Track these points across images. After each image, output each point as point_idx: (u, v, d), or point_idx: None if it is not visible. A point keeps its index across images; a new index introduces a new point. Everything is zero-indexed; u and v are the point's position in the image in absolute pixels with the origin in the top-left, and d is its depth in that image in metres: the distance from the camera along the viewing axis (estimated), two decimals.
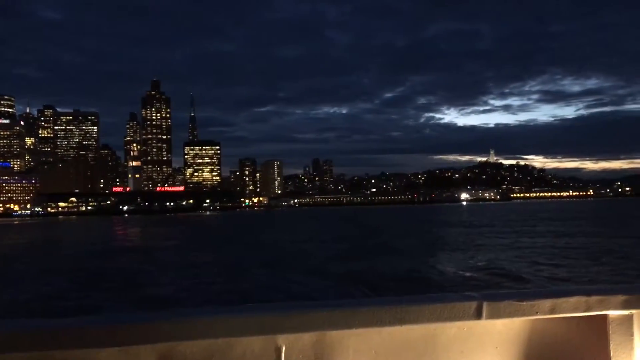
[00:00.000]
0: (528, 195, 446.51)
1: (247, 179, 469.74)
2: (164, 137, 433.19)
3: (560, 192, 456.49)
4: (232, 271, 33.67)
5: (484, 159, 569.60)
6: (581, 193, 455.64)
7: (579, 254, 37.28)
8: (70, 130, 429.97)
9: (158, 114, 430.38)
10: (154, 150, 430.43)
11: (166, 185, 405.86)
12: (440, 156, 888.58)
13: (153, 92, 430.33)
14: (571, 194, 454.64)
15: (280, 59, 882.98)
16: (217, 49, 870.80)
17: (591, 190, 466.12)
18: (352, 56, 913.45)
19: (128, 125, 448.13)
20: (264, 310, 2.17)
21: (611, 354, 2.32)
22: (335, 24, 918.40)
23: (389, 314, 2.14)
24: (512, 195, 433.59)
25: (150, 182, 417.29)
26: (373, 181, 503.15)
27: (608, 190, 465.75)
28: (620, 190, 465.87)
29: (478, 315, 2.23)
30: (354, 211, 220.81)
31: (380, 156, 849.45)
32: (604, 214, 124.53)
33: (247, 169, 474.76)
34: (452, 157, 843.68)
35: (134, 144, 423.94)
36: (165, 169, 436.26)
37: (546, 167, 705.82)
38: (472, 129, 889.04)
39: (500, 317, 2.29)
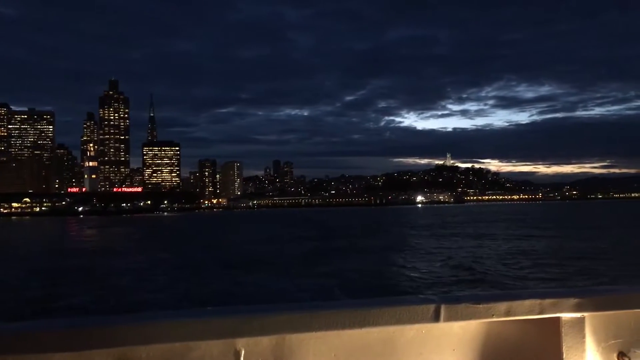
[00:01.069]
0: (481, 198, 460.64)
1: (206, 180, 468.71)
2: (122, 137, 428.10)
3: (511, 195, 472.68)
4: (191, 273, 33.71)
5: (442, 162, 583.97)
6: (530, 196, 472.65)
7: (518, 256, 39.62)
8: (25, 129, 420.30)
9: (116, 114, 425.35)
10: (112, 150, 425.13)
11: (124, 186, 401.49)
12: (400, 159, 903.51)
13: (111, 92, 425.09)
14: (521, 197, 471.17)
15: (242, 60, 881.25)
16: (177, 49, 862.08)
17: (540, 194, 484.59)
18: (314, 59, 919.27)
19: (85, 125, 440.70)
20: (223, 313, 2.14)
21: (564, 356, 2.37)
22: (296, 27, 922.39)
23: (349, 316, 2.15)
24: (465, 198, 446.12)
25: (107, 183, 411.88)
26: (333, 183, 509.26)
27: (556, 193, 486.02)
28: (567, 193, 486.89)
29: (436, 318, 2.26)
30: (311, 213, 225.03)
31: (341, 158, 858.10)
32: (545, 216, 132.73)
33: (206, 170, 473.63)
34: (411, 160, 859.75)
35: (91, 144, 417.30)
36: (122, 170, 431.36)
37: (501, 171, 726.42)
38: (431, 132, 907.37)
39: (458, 320, 2.32)
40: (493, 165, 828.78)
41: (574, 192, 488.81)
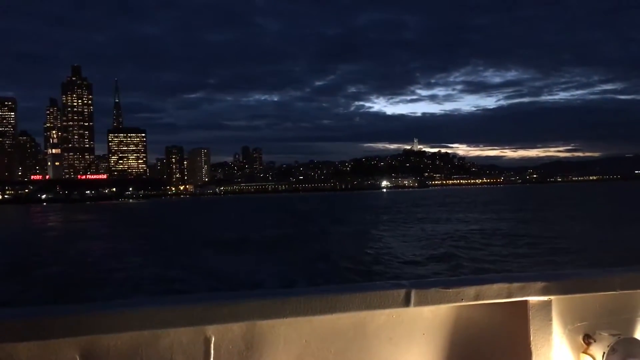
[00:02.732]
0: (446, 182, 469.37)
1: (173, 166, 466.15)
2: (86, 124, 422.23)
3: (475, 180, 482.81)
4: (162, 259, 33.47)
5: (410, 147, 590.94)
6: (493, 180, 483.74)
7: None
8: None
9: (79, 101, 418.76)
10: (76, 137, 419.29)
11: (88, 173, 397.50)
12: (370, 144, 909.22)
13: (74, 78, 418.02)
14: (484, 181, 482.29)
15: (210, 44, 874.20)
16: (143, 33, 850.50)
17: (502, 178, 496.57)
18: (283, 44, 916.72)
19: (48, 111, 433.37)
20: (192, 301, 2.13)
21: (531, 338, 2.42)
22: (265, 11, 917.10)
23: (320, 302, 2.16)
24: (430, 183, 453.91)
25: (71, 170, 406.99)
26: (301, 169, 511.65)
27: (518, 177, 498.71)
28: (527, 177, 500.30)
29: (407, 302, 2.27)
30: (276, 199, 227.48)
31: (310, 144, 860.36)
32: (490, 198, 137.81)
33: (173, 156, 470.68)
34: (381, 145, 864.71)
35: (54, 131, 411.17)
36: (87, 157, 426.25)
37: (469, 155, 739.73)
38: (400, 117, 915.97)
39: (428, 304, 2.35)
40: (461, 149, 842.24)
41: (534, 176, 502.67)
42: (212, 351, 2.17)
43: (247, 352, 2.23)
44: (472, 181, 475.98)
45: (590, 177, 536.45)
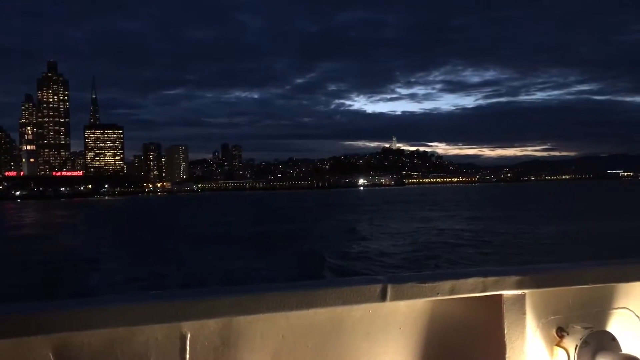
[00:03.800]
0: (423, 180, 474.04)
1: (151, 163, 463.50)
2: (62, 120, 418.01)
3: (451, 178, 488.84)
4: (134, 256, 33.44)
5: (389, 145, 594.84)
6: (468, 179, 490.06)
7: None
8: None
9: (55, 97, 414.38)
10: (51, 133, 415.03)
11: (64, 170, 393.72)
12: (350, 142, 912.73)
13: (50, 74, 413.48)
14: (460, 179, 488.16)
15: (190, 40, 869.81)
16: (121, 27, 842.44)
17: (477, 176, 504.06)
18: (264, 41, 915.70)
19: (23, 107, 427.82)
20: (168, 297, 2.09)
21: (505, 331, 2.43)
22: (245, 7, 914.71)
23: (296, 298, 2.16)
24: (406, 181, 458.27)
25: (47, 167, 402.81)
26: (281, 167, 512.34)
27: (492, 176, 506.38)
28: (502, 175, 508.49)
29: (383, 297, 2.28)
30: (249, 196, 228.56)
31: (291, 141, 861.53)
32: (463, 197, 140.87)
33: (151, 153, 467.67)
34: (361, 143, 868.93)
35: (29, 127, 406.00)
36: (63, 153, 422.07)
37: (448, 154, 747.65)
38: (380, 116, 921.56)
39: (404, 299, 2.35)
40: (441, 148, 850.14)
41: (509, 175, 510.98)
42: (187, 348, 2.15)
43: (223, 348, 2.21)
44: (448, 180, 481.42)
45: (563, 176, 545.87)
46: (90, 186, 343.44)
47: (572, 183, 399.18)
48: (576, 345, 2.46)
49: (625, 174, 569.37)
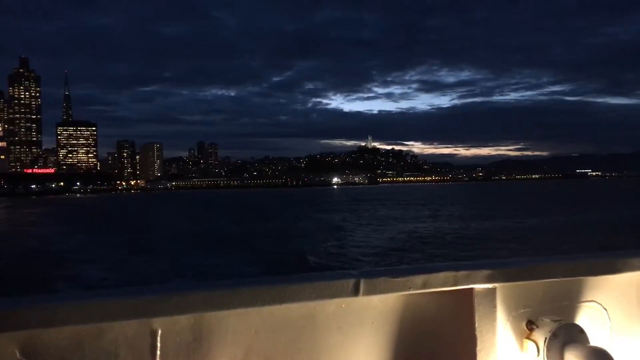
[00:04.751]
0: (396, 179, 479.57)
1: (125, 161, 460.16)
2: (33, 116, 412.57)
3: (425, 177, 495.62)
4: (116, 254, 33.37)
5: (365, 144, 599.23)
6: (441, 178, 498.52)
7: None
8: None
9: (27, 93, 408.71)
10: (22, 130, 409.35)
11: (35, 167, 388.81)
12: (327, 140, 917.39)
13: (21, 70, 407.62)
14: (434, 178, 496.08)
15: (165, 36, 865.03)
16: (95, 23, 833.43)
17: (450, 175, 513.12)
18: (241, 38, 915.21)
19: None
20: (137, 293, 2.07)
21: (476, 325, 2.47)
22: (221, 4, 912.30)
23: (269, 293, 2.16)
24: (380, 180, 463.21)
25: (18, 164, 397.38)
26: (256, 165, 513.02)
27: (464, 175, 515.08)
28: (474, 175, 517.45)
29: (355, 292, 2.29)
30: (222, 194, 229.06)
31: (267, 139, 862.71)
32: (429, 194, 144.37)
33: (125, 151, 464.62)
34: (338, 142, 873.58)
35: (0, 124, 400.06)
36: (34, 150, 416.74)
37: (424, 153, 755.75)
38: (357, 114, 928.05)
39: (377, 293, 2.37)
40: (417, 147, 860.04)
41: (480, 174, 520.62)
42: (158, 344, 2.13)
43: (195, 344, 2.20)
44: (422, 179, 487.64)
45: (533, 176, 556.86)
46: (62, 183, 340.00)
47: (540, 182, 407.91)
48: (545, 338, 2.50)
49: (594, 173, 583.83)
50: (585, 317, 2.74)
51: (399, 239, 40.42)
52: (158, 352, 2.12)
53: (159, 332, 2.11)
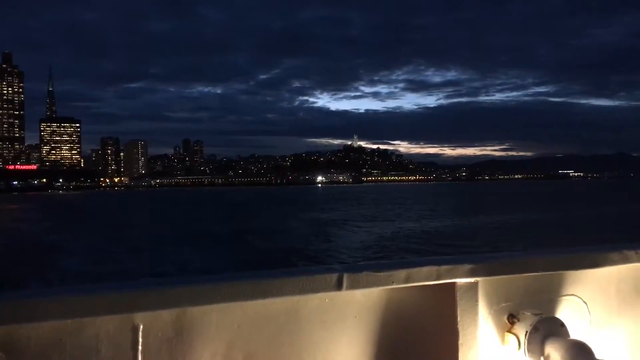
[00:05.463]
0: (381, 179, 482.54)
1: (109, 158, 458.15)
2: (16, 112, 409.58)
3: (409, 177, 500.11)
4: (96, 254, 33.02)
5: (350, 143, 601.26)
6: (425, 177, 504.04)
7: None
8: None
9: (9, 88, 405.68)
10: (5, 126, 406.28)
11: (18, 163, 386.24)
12: (314, 139, 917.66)
13: (4, 65, 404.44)
14: (417, 178, 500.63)
15: (151, 33, 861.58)
16: (80, 18, 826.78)
17: (434, 175, 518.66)
18: (227, 35, 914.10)
19: None
20: (119, 288, 2.03)
21: (458, 319, 2.48)
22: (208, 1, 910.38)
23: (252, 288, 2.16)
24: (365, 179, 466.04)
25: (0, 160, 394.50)
26: (242, 163, 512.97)
27: (448, 175, 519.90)
28: (457, 175, 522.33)
29: (339, 286, 2.29)
30: (204, 193, 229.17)
31: (254, 137, 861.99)
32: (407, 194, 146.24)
33: (109, 148, 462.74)
34: (324, 141, 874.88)
35: None
36: (17, 146, 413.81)
37: (410, 152, 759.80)
38: (344, 113, 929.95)
39: (360, 288, 2.37)
40: (403, 147, 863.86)
41: (464, 174, 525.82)
42: (140, 339, 2.10)
43: (177, 339, 2.18)
44: (406, 178, 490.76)
45: (516, 176, 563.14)
46: (44, 180, 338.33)
47: (522, 183, 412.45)
48: (526, 332, 2.54)
49: (575, 174, 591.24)
50: (566, 311, 2.78)
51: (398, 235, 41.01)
52: (140, 348, 2.10)
53: (141, 327, 2.10)
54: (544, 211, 63.07)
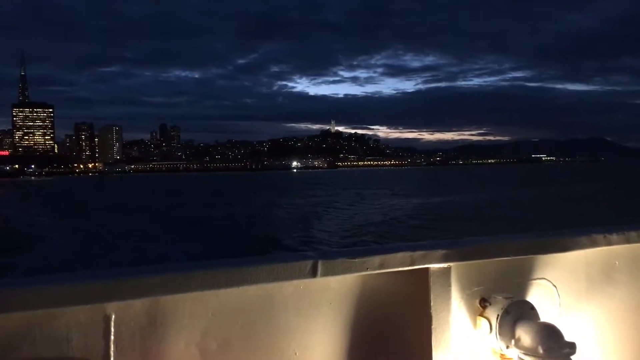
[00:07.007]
0: (357, 164, 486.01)
1: (83, 143, 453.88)
2: None
3: (384, 162, 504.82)
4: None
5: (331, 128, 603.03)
6: (401, 162, 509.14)
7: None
8: None
9: None
10: None
11: None
12: (292, 124, 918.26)
13: None
14: (393, 162, 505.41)
15: (126, 15, 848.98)
16: (53, 0, 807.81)
17: (409, 160, 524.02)
18: (204, 18, 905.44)
19: None
20: (90, 277, 2.01)
21: (431, 303, 2.52)
22: None
23: (226, 275, 2.15)
24: (341, 164, 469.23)
25: None
26: (219, 148, 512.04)
27: (423, 160, 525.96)
28: (431, 159, 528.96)
29: (313, 273, 2.31)
30: (178, 178, 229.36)
31: (232, 122, 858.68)
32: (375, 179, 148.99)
33: (83, 133, 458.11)
34: (303, 126, 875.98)
35: None
36: None
37: (389, 137, 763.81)
38: (323, 98, 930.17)
39: (335, 274, 2.39)
40: (382, 131, 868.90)
41: (438, 159, 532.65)
42: (112, 329, 2.07)
43: (150, 328, 2.16)
44: (381, 163, 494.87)
45: (489, 161, 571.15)
46: (17, 166, 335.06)
47: (495, 167, 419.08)
48: (498, 315, 2.58)
49: (548, 158, 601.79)
50: (536, 294, 2.83)
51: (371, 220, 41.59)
52: (112, 337, 2.07)
53: (113, 316, 2.07)
54: (478, 193, 65.89)
